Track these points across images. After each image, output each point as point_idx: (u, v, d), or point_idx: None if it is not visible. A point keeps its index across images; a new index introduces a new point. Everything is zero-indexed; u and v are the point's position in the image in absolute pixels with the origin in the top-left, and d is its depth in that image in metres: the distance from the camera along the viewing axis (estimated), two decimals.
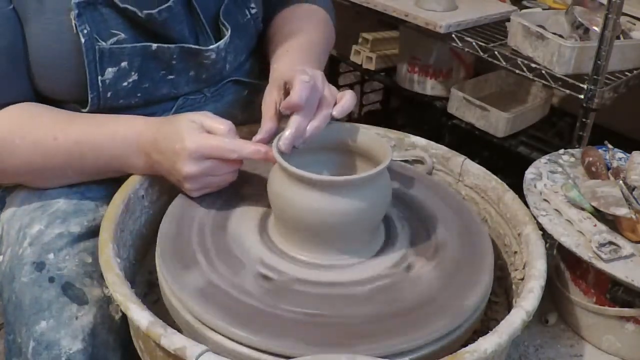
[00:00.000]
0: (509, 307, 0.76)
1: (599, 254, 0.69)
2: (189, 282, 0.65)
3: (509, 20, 1.57)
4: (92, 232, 0.80)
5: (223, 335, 0.60)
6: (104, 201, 0.83)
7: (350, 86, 2.28)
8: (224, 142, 0.72)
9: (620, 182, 0.77)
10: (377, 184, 0.69)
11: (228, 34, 0.90)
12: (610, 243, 0.71)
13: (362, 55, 2.05)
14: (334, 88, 0.77)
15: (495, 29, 1.65)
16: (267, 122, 0.76)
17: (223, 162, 0.73)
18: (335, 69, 2.16)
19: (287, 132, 0.71)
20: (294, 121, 0.72)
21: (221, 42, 0.89)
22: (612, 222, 0.74)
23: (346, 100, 0.75)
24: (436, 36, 1.60)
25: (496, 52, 1.50)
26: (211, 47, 0.88)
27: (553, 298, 0.82)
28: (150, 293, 0.77)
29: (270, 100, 0.78)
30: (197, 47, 0.87)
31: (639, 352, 0.74)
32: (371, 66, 2.04)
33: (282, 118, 0.76)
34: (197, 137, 0.72)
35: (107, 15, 0.79)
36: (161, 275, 0.68)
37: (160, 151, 0.75)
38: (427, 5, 1.65)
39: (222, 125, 0.74)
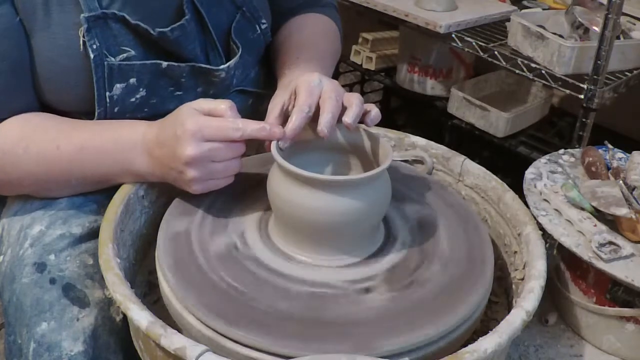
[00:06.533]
0: (509, 307, 0.76)
1: (599, 254, 0.69)
2: (189, 282, 0.65)
3: (509, 20, 1.57)
4: (94, 233, 0.80)
5: (223, 336, 0.60)
6: (106, 202, 0.83)
7: (350, 86, 2.28)
8: (227, 122, 0.70)
9: (620, 182, 0.77)
10: (378, 184, 0.69)
11: (239, 53, 0.89)
12: (610, 243, 0.71)
13: (362, 55, 2.05)
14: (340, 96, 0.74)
15: (495, 29, 1.65)
16: (271, 121, 0.74)
17: (226, 144, 0.70)
18: (335, 69, 2.16)
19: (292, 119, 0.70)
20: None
21: (232, 62, 0.89)
22: (612, 222, 0.75)
23: (354, 112, 0.71)
24: (436, 36, 1.61)
25: (496, 52, 1.50)
26: (222, 67, 0.87)
27: (553, 298, 0.82)
28: (150, 293, 0.77)
29: (278, 100, 0.77)
30: (207, 66, 0.86)
31: (639, 352, 0.74)
32: (371, 66, 2.04)
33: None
34: (198, 118, 0.70)
35: (117, 31, 0.78)
36: (161, 276, 0.68)
37: (161, 143, 0.73)
38: (427, 5, 1.66)
39: (222, 104, 0.72)
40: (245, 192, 0.79)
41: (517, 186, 0.82)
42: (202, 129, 0.69)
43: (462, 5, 1.70)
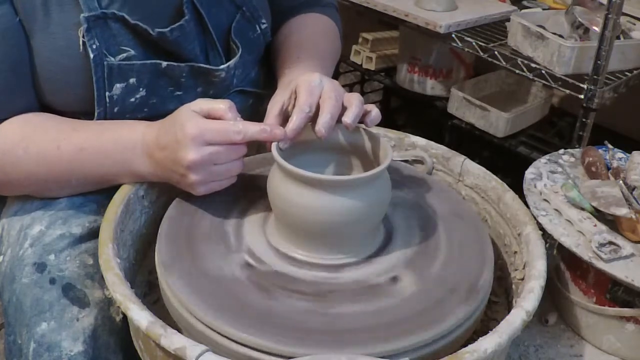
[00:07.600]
0: (509, 307, 0.76)
1: (599, 254, 0.69)
2: (189, 282, 0.65)
3: (509, 20, 1.57)
4: (94, 233, 0.80)
5: (223, 335, 0.60)
6: (106, 202, 0.83)
7: (350, 86, 2.28)
8: (227, 124, 0.70)
9: (620, 182, 0.77)
10: (377, 184, 0.69)
11: (239, 53, 0.89)
12: (610, 243, 0.71)
13: (362, 55, 2.05)
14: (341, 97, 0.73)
15: (495, 29, 1.65)
16: (270, 120, 0.74)
17: (227, 147, 0.70)
18: (335, 69, 2.16)
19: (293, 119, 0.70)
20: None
21: (231, 62, 0.89)
22: (612, 222, 0.75)
23: (353, 112, 0.71)
24: (436, 36, 1.61)
25: (496, 52, 1.50)
26: (222, 67, 0.87)
27: (553, 298, 0.82)
28: (150, 293, 0.77)
29: (278, 99, 0.77)
30: (207, 66, 0.86)
31: (639, 352, 0.74)
32: (371, 66, 2.04)
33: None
34: (198, 121, 0.69)
35: (117, 30, 0.78)
36: (161, 276, 0.68)
37: (162, 146, 0.72)
38: (427, 5, 1.66)
39: (222, 104, 0.71)
40: (245, 192, 0.79)
41: (517, 186, 0.82)
42: (203, 132, 0.69)
43: (462, 5, 1.70)
